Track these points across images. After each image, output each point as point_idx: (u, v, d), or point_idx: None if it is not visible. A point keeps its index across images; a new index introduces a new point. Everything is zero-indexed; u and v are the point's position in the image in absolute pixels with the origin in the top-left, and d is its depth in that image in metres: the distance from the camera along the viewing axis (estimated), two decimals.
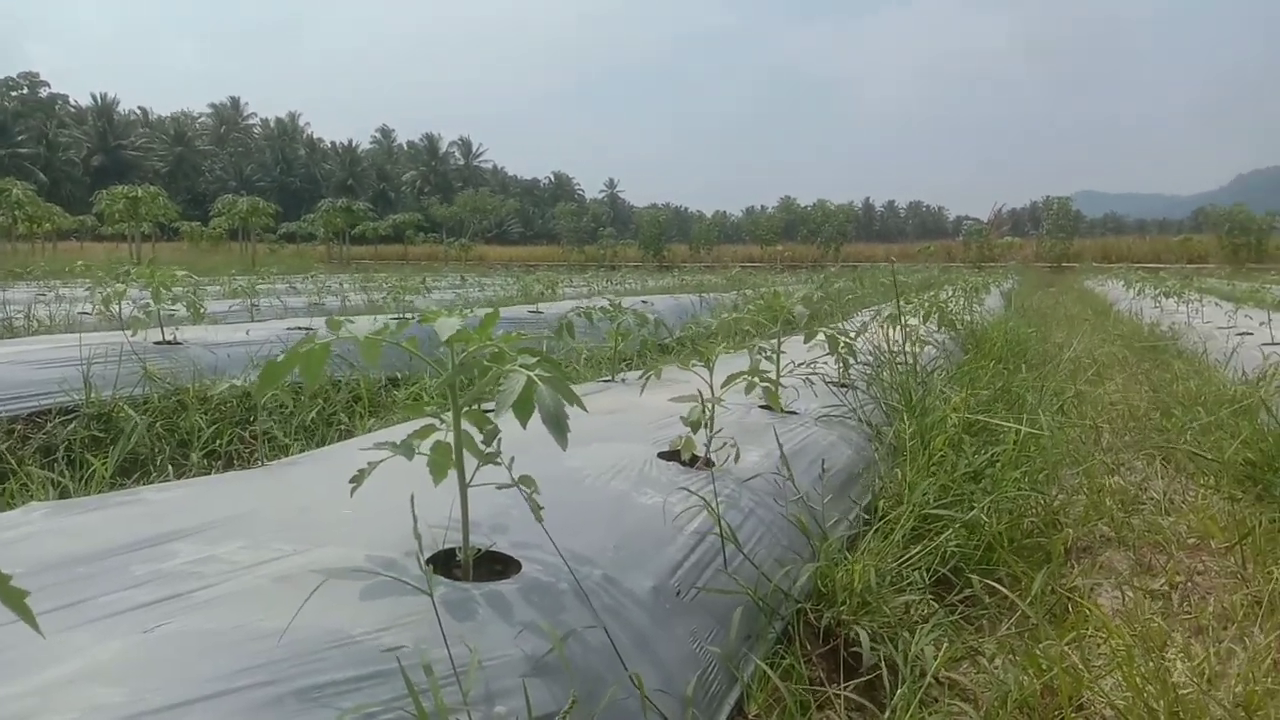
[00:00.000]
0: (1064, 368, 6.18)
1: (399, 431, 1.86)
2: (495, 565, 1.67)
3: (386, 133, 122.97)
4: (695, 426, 2.28)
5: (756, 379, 2.54)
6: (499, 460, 1.56)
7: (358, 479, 1.52)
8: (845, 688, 1.90)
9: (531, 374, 1.41)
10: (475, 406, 1.65)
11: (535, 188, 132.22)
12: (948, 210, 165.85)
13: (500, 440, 1.65)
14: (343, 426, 4.28)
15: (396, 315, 7.44)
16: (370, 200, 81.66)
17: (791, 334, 4.17)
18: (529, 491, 1.55)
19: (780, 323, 3.43)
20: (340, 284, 11.17)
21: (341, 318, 1.58)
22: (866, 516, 2.79)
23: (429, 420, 1.64)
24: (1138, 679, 1.86)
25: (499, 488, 1.56)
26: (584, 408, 1.47)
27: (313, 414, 4.22)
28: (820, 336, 3.72)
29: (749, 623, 1.90)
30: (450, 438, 1.58)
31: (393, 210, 79.85)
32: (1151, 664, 1.98)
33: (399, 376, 5.26)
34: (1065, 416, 4.70)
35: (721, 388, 2.52)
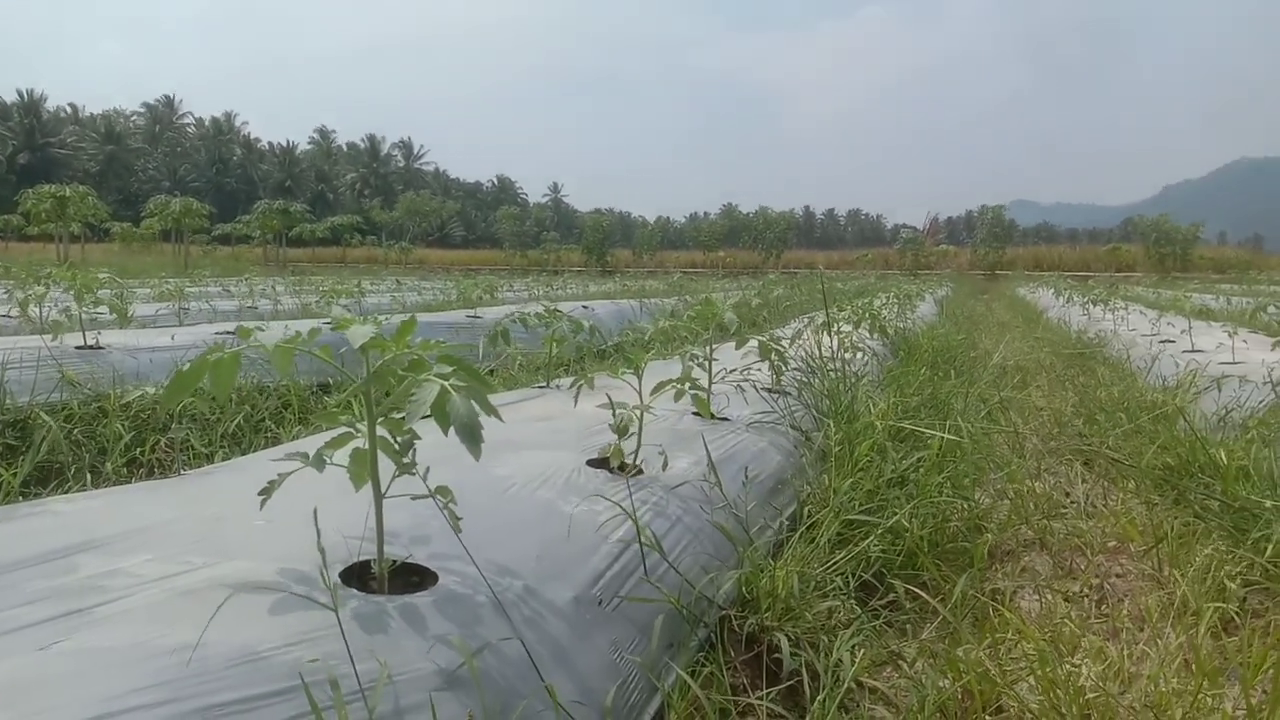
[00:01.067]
0: (992, 374, 6.31)
1: (323, 440, 1.83)
2: (413, 577, 1.65)
3: (325, 133, 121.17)
4: (623, 434, 2.28)
5: (685, 386, 2.55)
6: (414, 471, 1.53)
7: (267, 491, 1.49)
8: (767, 694, 1.91)
9: (446, 383, 1.39)
10: (397, 415, 1.63)
11: (478, 191, 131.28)
12: (886, 218, 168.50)
13: (416, 450, 1.63)
14: (270, 434, 4.20)
15: (328, 320, 7.31)
16: (309, 202, 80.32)
17: (727, 340, 4.20)
18: (445, 501, 1.53)
19: (712, 329, 3.44)
20: (273, 287, 10.96)
21: (252, 325, 1.55)
22: (794, 522, 2.81)
23: (346, 429, 1.61)
24: (1047, 682, 1.90)
25: (413, 498, 1.54)
26: (500, 417, 1.45)
27: (237, 421, 4.13)
28: (752, 343, 3.75)
29: (672, 631, 1.90)
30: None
31: (332, 212, 78.66)
32: (1065, 667, 2.02)
33: (330, 382, 5.17)
34: (992, 422, 4.80)
35: (651, 395, 2.52)
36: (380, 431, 1.58)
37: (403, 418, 1.63)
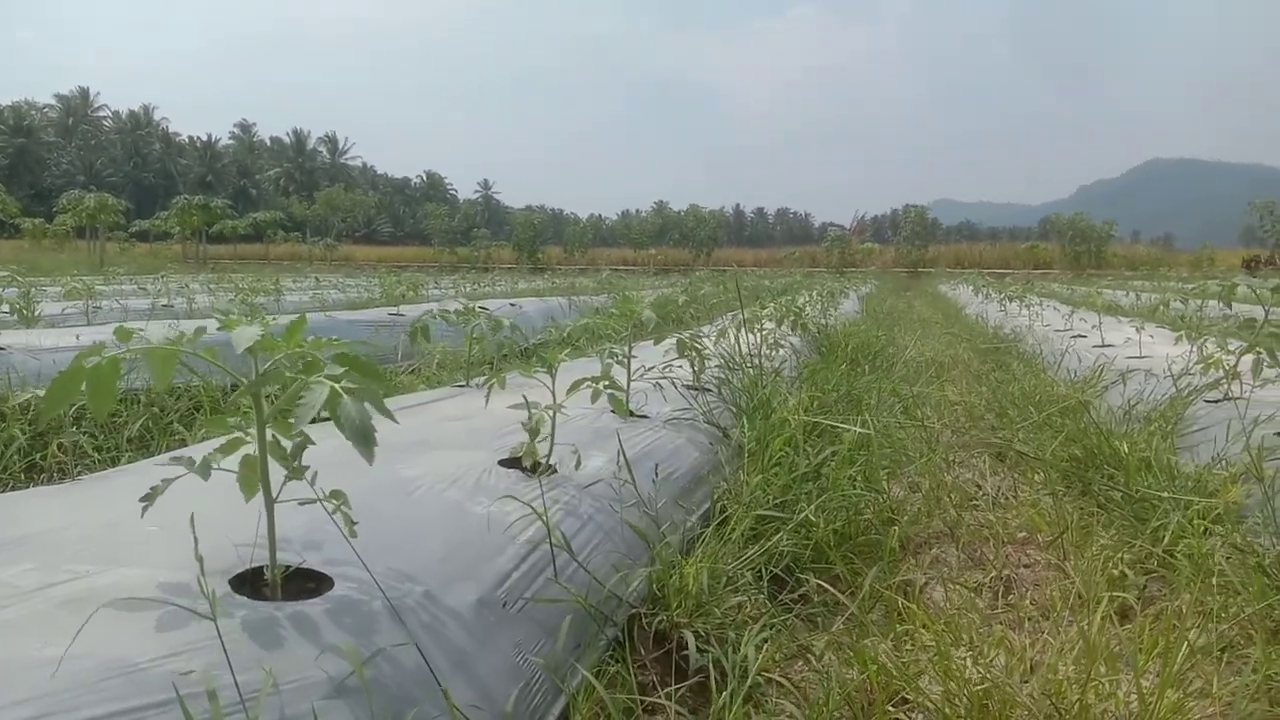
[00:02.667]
0: (910, 369, 6.43)
1: (217, 445, 1.77)
2: (309, 583, 1.61)
3: (247, 128, 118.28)
4: (534, 434, 2.26)
5: (600, 385, 2.54)
6: (304, 476, 1.50)
7: (149, 498, 1.44)
8: (675, 691, 1.92)
9: (336, 385, 1.36)
10: (292, 419, 1.59)
11: (406, 187, 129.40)
12: (814, 217, 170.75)
13: (321, 452, 1.59)
14: (178, 437, 4.08)
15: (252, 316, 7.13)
16: (231, 198, 78.30)
17: (650, 338, 4.21)
18: (336, 506, 1.50)
19: (630, 328, 3.44)
20: (186, 285, 10.65)
21: (134, 325, 1.50)
22: (708, 518, 2.82)
23: (238, 434, 1.57)
24: (945, 674, 1.93)
25: (301, 504, 1.50)
26: (394, 419, 1.42)
27: (143, 423, 4.00)
28: (672, 341, 3.76)
29: (580, 631, 1.89)
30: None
31: (254, 208, 76.81)
32: (964, 658, 2.06)
33: (245, 383, 5.04)
34: (908, 416, 4.89)
35: (566, 394, 2.50)
36: (278, 436, 1.54)
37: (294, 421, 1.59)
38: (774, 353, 5.73)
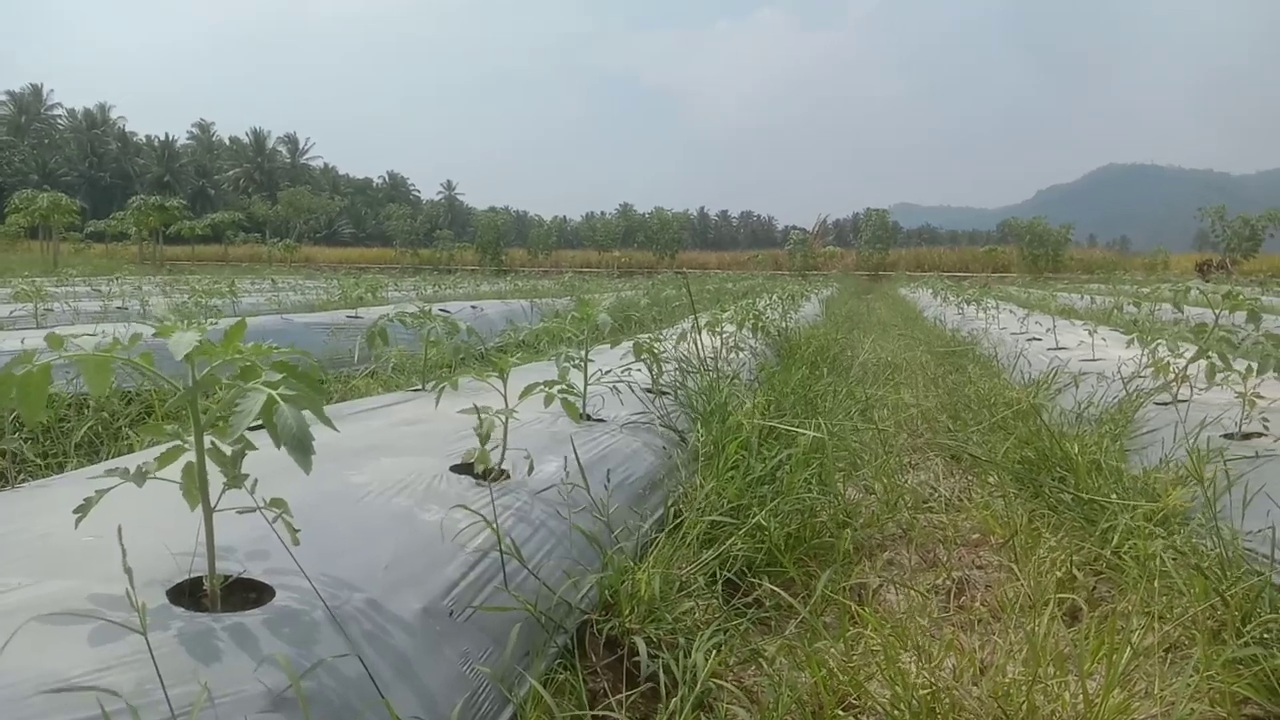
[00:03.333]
0: (868, 372, 6.47)
1: (159, 453, 1.74)
2: (250, 593, 1.58)
3: (205, 127, 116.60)
4: (486, 439, 2.24)
5: (554, 389, 2.52)
6: (243, 485, 1.47)
7: (83, 509, 1.40)
8: (627, 698, 1.91)
9: (273, 391, 1.33)
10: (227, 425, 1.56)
11: (368, 187, 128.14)
12: (777, 220, 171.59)
13: (252, 461, 1.56)
14: (127, 442, 4.00)
15: (206, 320, 7.03)
16: (189, 198, 77.06)
17: (610, 341, 4.20)
18: (277, 514, 1.47)
19: (587, 331, 3.43)
20: (139, 287, 10.46)
21: (83, 329, 1.46)
22: (663, 523, 2.82)
23: (179, 442, 1.54)
24: (892, 677, 1.94)
25: (239, 512, 1.47)
26: (333, 427, 1.40)
27: (90, 428, 3.92)
28: (628, 344, 3.75)
29: (529, 639, 1.88)
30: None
31: (213, 209, 75.78)
32: (918, 661, 2.08)
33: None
34: (865, 419, 4.92)
35: (519, 398, 2.49)
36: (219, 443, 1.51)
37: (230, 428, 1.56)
38: (734, 356, 5.75)
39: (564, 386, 2.51)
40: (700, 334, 5.59)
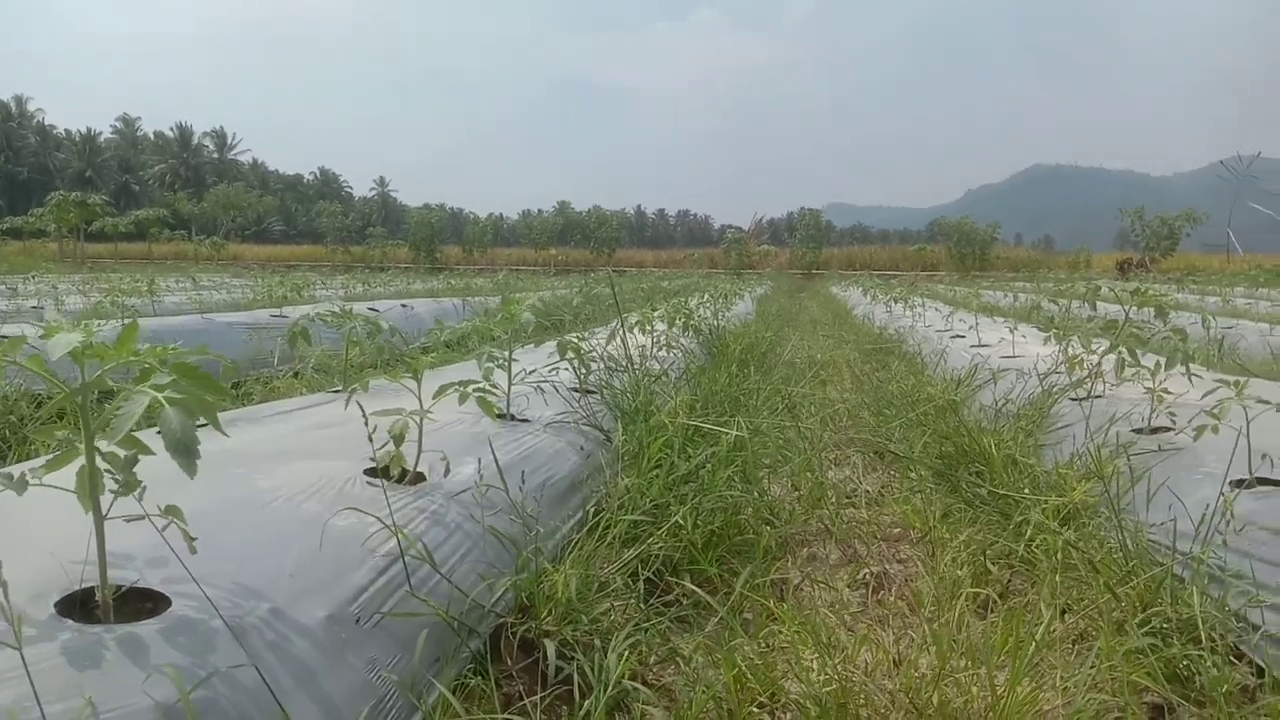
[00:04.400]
0: (796, 370, 6.54)
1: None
2: (147, 603, 1.53)
3: (130, 122, 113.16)
4: (399, 441, 2.20)
5: (469, 389, 2.49)
6: (133, 491, 1.42)
7: None
8: (543, 700, 1.89)
9: (159, 394, 1.29)
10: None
11: (299, 184, 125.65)
12: (714, 219, 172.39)
13: (159, 465, 1.51)
14: (34, 446, 3.86)
15: (121, 320, 6.82)
16: (112, 195, 74.82)
17: (545, 340, 4.17)
18: (168, 522, 1.42)
19: (511, 331, 3.39)
20: (54, 286, 10.12)
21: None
22: (585, 522, 2.80)
23: (77, 445, 1.48)
24: (807, 674, 1.96)
25: (128, 520, 1.42)
26: (223, 431, 1.36)
27: None
28: (556, 344, 3.73)
29: (440, 644, 1.85)
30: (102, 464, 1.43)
31: (137, 205, 73.54)
32: (834, 657, 2.10)
33: (115, 389, 4.81)
34: (791, 416, 4.96)
35: (434, 398, 2.45)
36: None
37: (129, 433, 1.51)
38: (665, 354, 5.76)
39: (480, 386, 2.48)
40: (629, 333, 5.59)
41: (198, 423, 1.40)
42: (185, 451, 1.26)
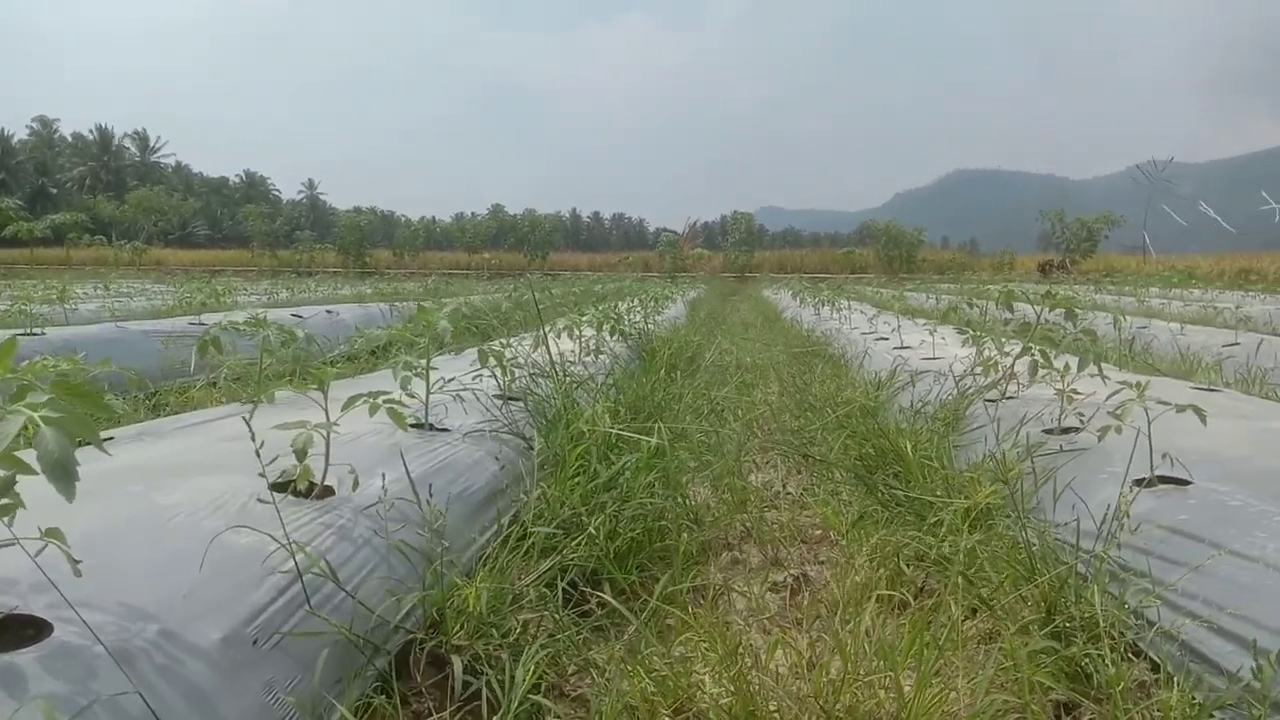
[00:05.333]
0: (726, 373, 6.58)
1: None
2: (28, 630, 1.47)
3: (46, 123, 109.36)
4: (302, 455, 2.15)
5: (379, 399, 2.45)
6: (9, 514, 1.36)
7: None
8: (452, 716, 1.87)
9: (35, 414, 1.24)
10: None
11: (224, 187, 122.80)
12: (648, 222, 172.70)
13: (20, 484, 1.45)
14: None
15: (23, 330, 6.58)
16: (27, 198, 72.24)
17: (466, 347, 4.12)
18: (44, 545, 1.37)
19: (429, 337, 3.35)
20: None
21: None
22: (500, 533, 2.77)
23: None
24: (719, 679, 1.96)
25: None
26: (104, 450, 1.31)
27: None
28: (476, 352, 3.69)
29: (344, 663, 1.81)
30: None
31: (54, 209, 71.02)
32: (739, 662, 2.10)
33: None
34: (717, 420, 4.99)
35: (343, 409, 2.41)
36: None
37: (9, 453, 1.45)
38: (594, 359, 5.75)
39: (390, 397, 2.44)
40: (553, 338, 5.56)
41: (82, 442, 1.35)
42: (63, 474, 1.21)
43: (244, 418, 1.91)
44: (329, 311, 10.06)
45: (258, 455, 1.76)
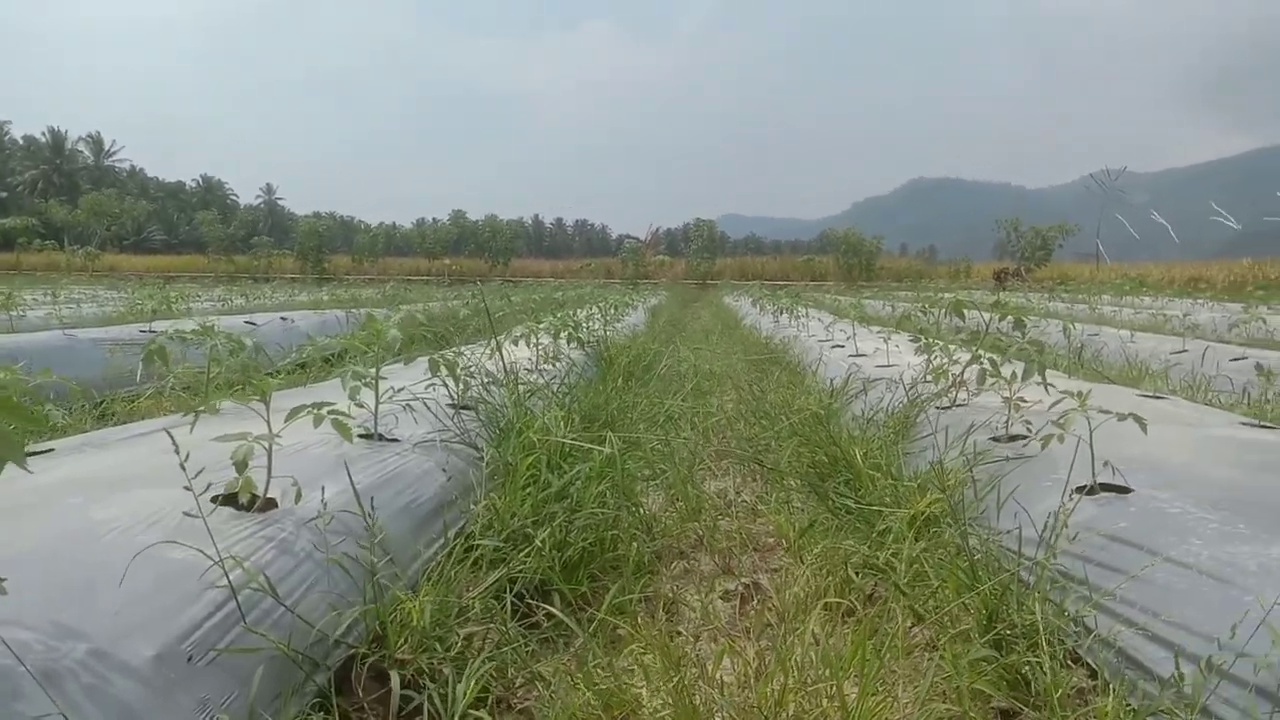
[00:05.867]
0: (684, 381, 6.59)
1: None
2: None
3: None
4: (242, 466, 2.12)
5: (324, 410, 2.42)
6: None
7: None
8: None
9: None
10: None
11: (181, 191, 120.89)
12: (611, 229, 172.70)
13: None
14: None
15: None
16: None
17: (422, 355, 4.08)
18: None
19: (379, 347, 3.32)
20: None
21: None
22: (453, 545, 2.75)
23: None
24: (656, 690, 1.96)
25: None
26: (25, 468, 1.28)
27: None
28: (427, 360, 3.66)
29: (283, 679, 1.79)
30: None
31: (5, 213, 69.65)
32: (681, 672, 2.10)
33: None
34: (673, 428, 5.00)
35: (285, 420, 2.38)
36: None
37: None
38: (551, 367, 5.73)
39: (335, 408, 2.41)
40: (509, 346, 5.54)
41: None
42: None
43: (167, 431, 1.88)
44: (284, 318, 9.94)
45: (183, 469, 1.73)
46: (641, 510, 3.56)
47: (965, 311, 5.01)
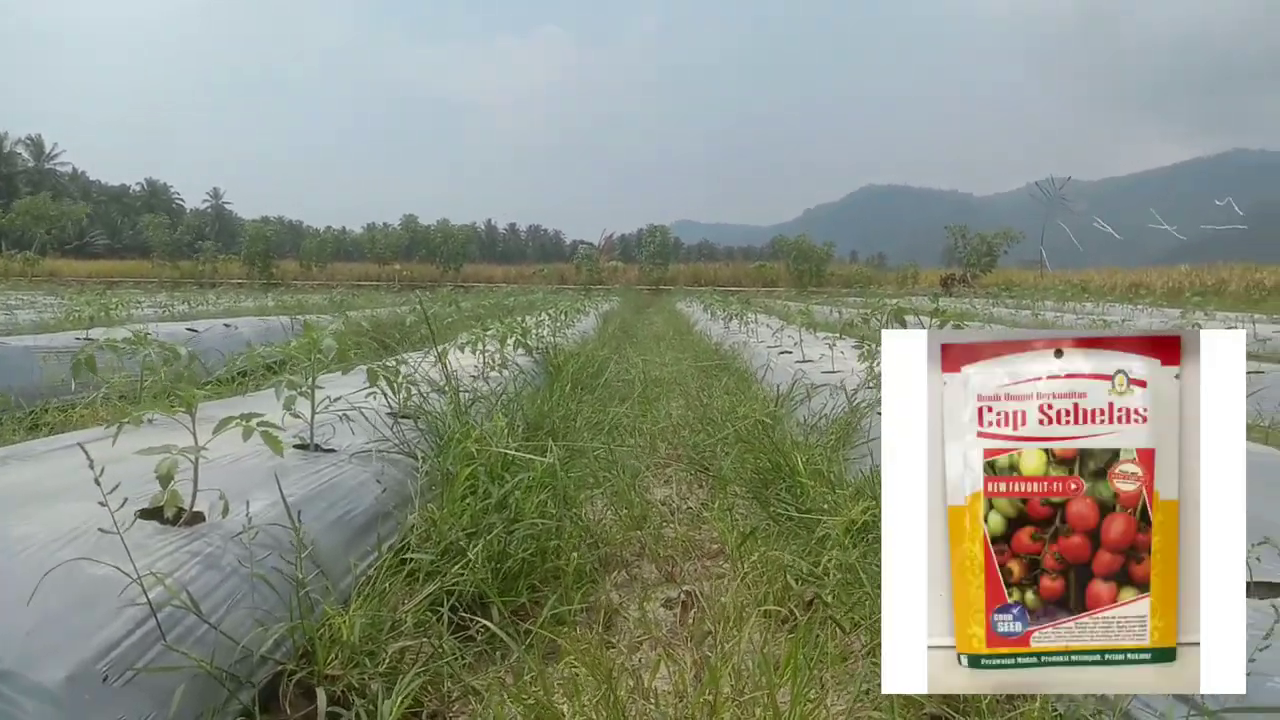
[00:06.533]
0: (632, 388, 6.59)
1: None
2: None
3: None
4: (167, 479, 2.07)
5: (253, 421, 2.38)
6: None
7: None
8: None
9: None
10: None
11: (125, 195, 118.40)
12: (565, 234, 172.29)
13: None
14: None
15: None
16: None
17: (362, 363, 4.01)
18: None
19: (315, 356, 3.27)
20: None
21: None
22: (387, 558, 2.72)
23: None
24: (569, 705, 1.95)
25: None
26: None
27: None
28: (364, 369, 3.62)
29: (206, 698, 1.75)
30: None
31: None
32: (611, 685, 2.10)
33: None
34: (620, 435, 4.99)
35: (214, 432, 2.33)
36: None
37: None
38: (498, 374, 5.70)
39: (265, 419, 2.37)
40: (455, 353, 5.49)
41: None
42: None
43: (81, 445, 1.83)
44: (227, 325, 9.76)
45: (97, 483, 1.69)
46: (584, 519, 3.54)
47: (906, 318, 5.08)
